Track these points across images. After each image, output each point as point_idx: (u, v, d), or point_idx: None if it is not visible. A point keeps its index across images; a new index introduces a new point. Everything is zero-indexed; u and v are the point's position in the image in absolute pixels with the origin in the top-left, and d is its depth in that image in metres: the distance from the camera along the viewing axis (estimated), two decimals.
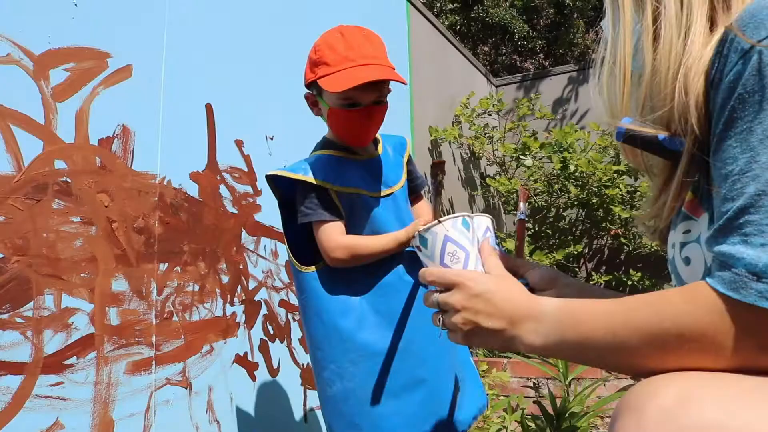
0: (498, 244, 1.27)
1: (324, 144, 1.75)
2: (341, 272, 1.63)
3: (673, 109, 0.77)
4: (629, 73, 0.84)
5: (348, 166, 1.68)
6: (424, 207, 1.91)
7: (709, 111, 0.74)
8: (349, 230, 1.65)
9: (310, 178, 1.61)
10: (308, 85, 1.69)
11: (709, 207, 0.75)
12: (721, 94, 0.70)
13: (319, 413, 2.71)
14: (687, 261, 0.80)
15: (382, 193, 1.70)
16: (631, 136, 0.84)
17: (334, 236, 1.60)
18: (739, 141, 0.67)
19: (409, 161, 1.86)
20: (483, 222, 1.25)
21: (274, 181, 1.69)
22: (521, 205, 1.36)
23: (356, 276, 1.63)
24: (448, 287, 0.94)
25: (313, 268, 1.65)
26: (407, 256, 1.65)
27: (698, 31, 0.76)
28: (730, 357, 0.66)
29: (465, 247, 1.00)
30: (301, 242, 1.71)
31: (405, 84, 1.59)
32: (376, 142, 1.79)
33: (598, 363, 0.80)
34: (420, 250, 1.03)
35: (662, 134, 0.80)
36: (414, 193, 1.88)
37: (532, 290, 1.15)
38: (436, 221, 1.00)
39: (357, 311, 1.60)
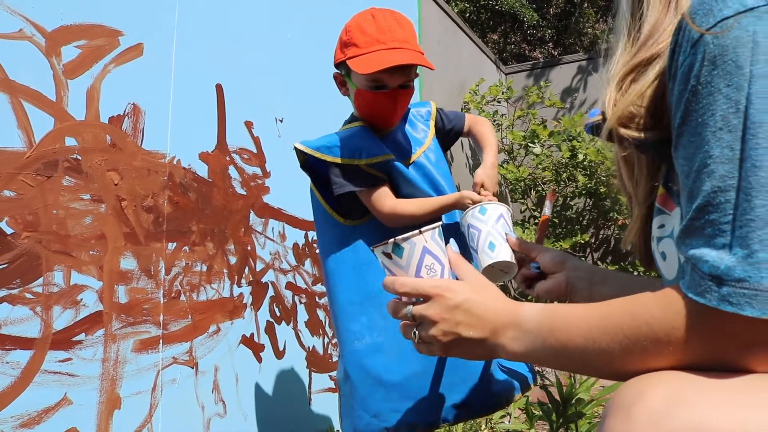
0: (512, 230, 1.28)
1: (352, 120, 1.76)
2: (383, 227, 1.64)
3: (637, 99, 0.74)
4: None
5: (374, 137, 1.68)
6: (476, 124, 1.91)
7: (668, 103, 0.71)
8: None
9: (339, 159, 1.61)
10: (337, 65, 1.68)
11: (680, 201, 0.73)
12: (677, 86, 0.67)
13: (323, 396, 2.72)
14: (663, 256, 0.78)
15: (408, 162, 1.71)
16: (598, 128, 0.82)
17: (380, 201, 1.62)
18: (695, 135, 0.65)
19: (438, 118, 1.86)
20: (497, 209, 1.27)
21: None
22: (547, 203, 1.37)
23: (400, 232, 1.62)
24: (424, 299, 0.90)
25: (357, 222, 1.66)
26: (447, 221, 1.68)
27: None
28: (706, 359, 0.65)
29: (441, 259, 0.96)
30: (334, 199, 1.71)
31: (433, 69, 1.59)
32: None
33: (581, 369, 0.78)
34: (390, 258, 0.95)
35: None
36: (460, 135, 1.91)
37: (543, 274, 1.15)
38: (417, 231, 0.94)
39: None
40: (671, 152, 0.71)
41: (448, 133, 1.89)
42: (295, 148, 1.67)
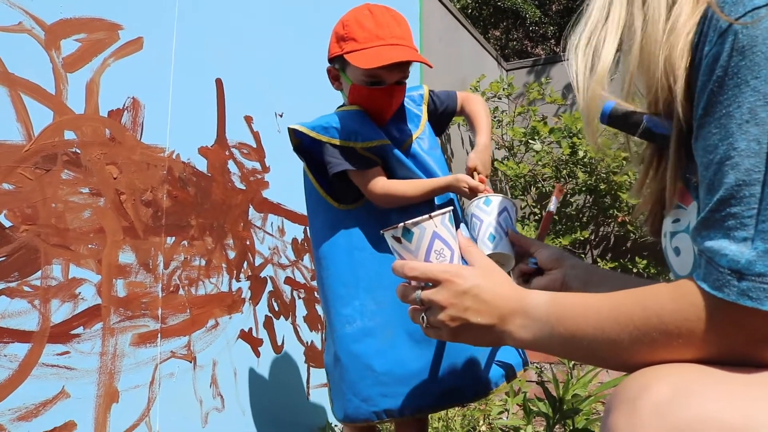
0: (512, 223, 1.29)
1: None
2: (376, 212, 1.65)
3: (660, 88, 0.73)
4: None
5: (370, 121, 1.69)
6: (468, 102, 1.89)
7: (691, 93, 0.70)
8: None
9: (335, 140, 1.62)
10: (332, 59, 1.67)
11: (698, 195, 0.72)
12: (701, 77, 0.66)
13: (322, 391, 2.73)
14: (677, 251, 0.78)
15: (400, 149, 1.71)
16: (615, 118, 0.80)
17: (373, 182, 1.62)
18: (719, 127, 0.64)
19: (431, 101, 1.86)
20: (501, 203, 1.29)
21: (295, 132, 1.68)
22: (553, 198, 1.38)
23: (393, 218, 1.62)
24: (433, 284, 0.90)
25: (350, 206, 1.67)
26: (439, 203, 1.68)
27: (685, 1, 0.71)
28: (719, 352, 0.65)
29: (451, 244, 0.96)
30: (328, 183, 1.72)
31: (431, 67, 1.60)
32: None
33: (588, 358, 0.78)
34: (399, 242, 0.95)
35: (648, 116, 0.76)
36: (453, 114, 1.91)
37: (541, 270, 1.16)
38: (427, 216, 0.94)
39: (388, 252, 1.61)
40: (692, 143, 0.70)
41: (441, 115, 1.89)
42: (289, 130, 1.67)
